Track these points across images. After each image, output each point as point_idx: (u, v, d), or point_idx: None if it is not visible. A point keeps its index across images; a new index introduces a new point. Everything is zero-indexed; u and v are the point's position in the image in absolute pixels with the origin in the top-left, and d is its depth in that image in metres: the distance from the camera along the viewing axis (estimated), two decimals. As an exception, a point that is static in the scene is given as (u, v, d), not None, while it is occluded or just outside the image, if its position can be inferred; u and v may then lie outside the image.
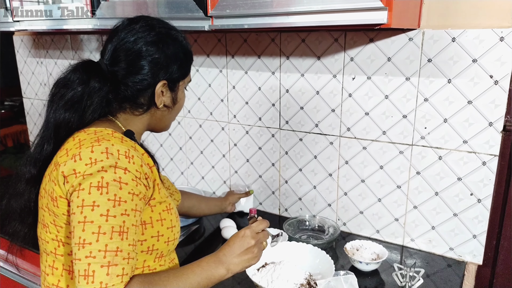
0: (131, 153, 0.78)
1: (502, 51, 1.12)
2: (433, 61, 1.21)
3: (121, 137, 0.82)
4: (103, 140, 0.78)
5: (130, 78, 0.86)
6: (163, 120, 0.96)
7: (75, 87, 0.83)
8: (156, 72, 0.87)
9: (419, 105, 1.26)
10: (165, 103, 0.92)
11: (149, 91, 0.88)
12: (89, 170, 0.73)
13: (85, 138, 0.79)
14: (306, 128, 1.49)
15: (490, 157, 1.19)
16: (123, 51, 0.86)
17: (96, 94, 0.84)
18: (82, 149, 0.76)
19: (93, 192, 0.72)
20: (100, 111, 0.87)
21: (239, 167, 1.70)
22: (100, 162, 0.74)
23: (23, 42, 2.25)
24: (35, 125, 2.39)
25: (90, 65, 0.87)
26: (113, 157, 0.75)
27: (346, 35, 1.33)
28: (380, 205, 1.41)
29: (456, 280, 1.21)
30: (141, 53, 0.85)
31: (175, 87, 0.92)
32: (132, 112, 0.90)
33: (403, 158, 1.33)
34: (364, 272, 1.23)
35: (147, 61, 0.86)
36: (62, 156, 0.78)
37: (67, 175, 0.75)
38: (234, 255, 0.87)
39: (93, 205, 0.71)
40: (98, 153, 0.75)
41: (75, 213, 0.72)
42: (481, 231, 1.26)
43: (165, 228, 0.86)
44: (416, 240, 1.37)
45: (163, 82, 0.89)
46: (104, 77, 0.85)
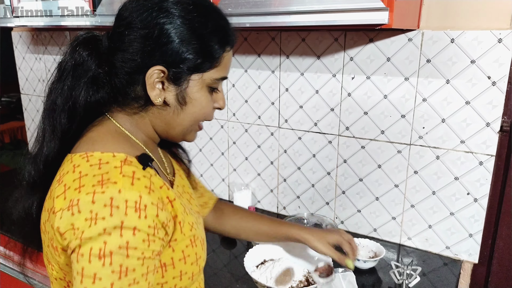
0: (144, 201, 0.60)
1: (500, 53, 1.13)
2: (432, 61, 1.22)
3: (133, 173, 0.62)
4: (108, 183, 0.60)
5: (118, 54, 0.68)
6: (169, 124, 0.73)
7: (63, 62, 0.70)
8: (148, 52, 0.66)
9: (418, 105, 1.28)
10: (166, 99, 0.69)
11: (141, 78, 0.68)
12: (88, 231, 0.58)
13: (86, 172, 0.62)
14: (305, 127, 1.50)
15: (487, 157, 1.21)
16: (120, 18, 0.69)
17: (79, 67, 0.69)
18: (82, 196, 0.59)
19: (94, 261, 0.57)
20: (91, 96, 0.70)
21: (237, 165, 1.71)
22: (102, 221, 0.58)
23: (22, 38, 2.25)
24: (32, 122, 2.38)
25: (88, 36, 0.71)
26: (119, 213, 0.58)
27: (346, 35, 1.34)
28: (377, 204, 1.42)
29: (452, 278, 1.23)
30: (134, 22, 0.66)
31: (180, 80, 0.68)
32: (128, 107, 0.72)
33: (401, 157, 1.34)
34: (362, 270, 1.25)
35: (140, 34, 0.66)
36: (60, 197, 0.62)
37: (63, 231, 0.60)
38: None
39: (94, 277, 0.57)
40: (101, 206, 0.58)
41: (75, 279, 0.59)
42: (477, 230, 1.27)
43: (189, 265, 0.72)
44: (413, 239, 1.39)
45: (159, 68, 0.66)
46: (96, 48, 0.70)
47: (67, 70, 0.69)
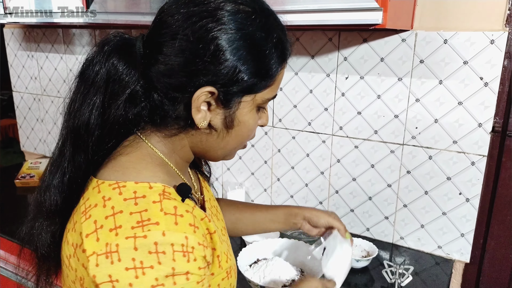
0: (190, 243, 0.54)
1: (492, 54, 1.14)
2: (425, 62, 1.23)
3: (174, 209, 0.55)
4: (149, 224, 0.52)
5: (159, 67, 0.58)
6: (211, 148, 0.64)
7: (92, 72, 0.59)
8: (197, 69, 0.56)
9: (411, 105, 1.28)
10: (212, 122, 0.60)
11: (186, 98, 0.58)
12: (137, 283, 0.50)
13: (121, 209, 0.53)
14: (299, 126, 1.50)
15: (479, 158, 1.22)
16: (162, 24, 0.58)
17: (117, 82, 0.58)
18: (120, 240, 0.51)
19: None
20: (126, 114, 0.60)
21: (231, 164, 1.70)
22: (151, 271, 0.50)
23: (14, 35, 2.23)
24: (24, 120, 2.36)
25: (120, 39, 0.60)
26: (167, 259, 0.51)
27: (340, 35, 1.34)
28: (370, 204, 1.43)
29: (444, 277, 1.24)
30: (183, 35, 0.55)
31: (231, 102, 0.59)
32: (165, 128, 0.62)
33: (394, 157, 1.35)
34: (355, 269, 1.25)
35: (189, 47, 0.55)
36: (90, 236, 0.53)
37: (99, 282, 0.51)
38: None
39: None
40: (145, 252, 0.51)
41: None
42: (469, 230, 1.28)
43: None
44: (405, 238, 1.40)
45: (209, 89, 0.57)
46: (132, 59, 0.59)
47: (98, 84, 0.59)
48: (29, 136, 2.37)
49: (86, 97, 0.59)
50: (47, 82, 2.16)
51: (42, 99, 2.22)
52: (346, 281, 1.21)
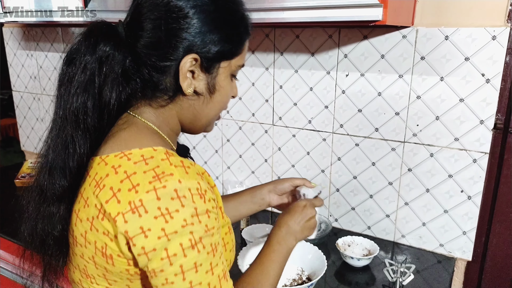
0: (203, 187, 0.61)
1: (494, 50, 1.13)
2: (426, 59, 1.22)
3: (181, 163, 0.61)
4: (164, 176, 0.58)
5: (146, 45, 0.64)
6: (197, 115, 0.71)
7: (83, 59, 0.63)
8: (182, 40, 0.63)
9: (412, 102, 1.27)
10: (197, 88, 0.67)
11: (172, 68, 0.65)
12: (169, 227, 0.56)
13: (134, 171, 0.59)
14: (299, 125, 1.49)
15: (481, 155, 1.21)
16: (144, 6, 0.64)
17: (107, 65, 0.63)
18: (142, 195, 0.57)
19: (189, 253, 0.58)
20: (118, 94, 0.66)
21: (231, 162, 1.70)
22: (177, 214, 0.57)
23: (13, 34, 2.22)
24: (24, 119, 2.35)
25: (104, 26, 0.65)
26: (189, 202, 0.58)
27: (340, 32, 1.33)
28: (371, 202, 1.42)
29: (445, 276, 1.23)
30: (165, 8, 0.63)
31: (212, 67, 0.67)
32: (156, 101, 0.68)
33: (395, 155, 1.34)
34: (356, 267, 1.24)
35: (170, 22, 0.62)
36: (110, 201, 0.58)
37: (132, 235, 0.57)
38: (298, 224, 0.83)
39: (195, 266, 0.59)
40: (168, 199, 0.57)
41: (173, 282, 0.58)
42: (471, 228, 1.27)
43: (228, 252, 0.76)
44: (406, 236, 1.39)
45: (193, 56, 0.64)
46: (117, 40, 0.65)
47: (88, 66, 0.63)
48: (29, 136, 2.37)
49: (80, 82, 0.63)
50: (46, 81, 2.15)
51: (41, 98, 2.21)
52: (347, 280, 1.20)
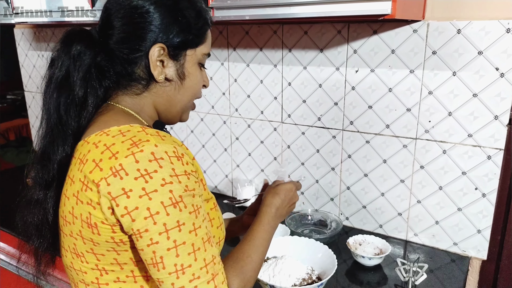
0: (179, 151, 0.65)
1: (508, 43, 1.10)
2: (437, 53, 1.19)
3: (157, 133, 0.66)
4: (141, 142, 0.62)
5: (117, 41, 0.71)
6: (171, 102, 0.77)
7: (60, 60, 0.70)
8: (147, 32, 0.70)
9: (423, 98, 1.24)
10: (167, 75, 0.74)
11: (143, 58, 0.72)
12: (149, 186, 0.60)
13: (113, 142, 0.63)
14: (308, 122, 1.47)
15: (495, 151, 1.18)
16: (111, 9, 0.72)
17: (79, 61, 0.70)
18: (121, 160, 0.61)
19: (171, 211, 0.61)
20: (94, 88, 0.72)
21: (241, 161, 1.69)
22: (156, 174, 0.60)
23: (24, 35, 2.24)
24: (36, 119, 2.38)
25: (78, 30, 0.73)
26: (166, 163, 0.62)
27: (349, 27, 1.31)
28: (383, 200, 1.39)
29: (460, 275, 1.20)
30: (129, 7, 0.70)
31: (179, 55, 0.74)
32: (131, 90, 0.74)
33: (406, 152, 1.31)
34: (367, 267, 1.22)
35: (135, 17, 0.70)
36: (93, 171, 0.62)
37: (115, 196, 0.60)
38: (285, 207, 0.89)
39: (178, 225, 0.61)
40: (145, 161, 0.61)
41: (158, 242, 0.61)
42: (486, 226, 1.24)
43: (215, 228, 0.77)
44: (419, 235, 1.36)
45: (160, 46, 0.71)
46: (90, 39, 0.72)
47: (64, 65, 0.70)
48: (41, 136, 2.39)
49: (57, 80, 0.70)
50: (57, 81, 2.17)
51: (53, 98, 2.23)
52: (358, 279, 1.19)
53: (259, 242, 0.80)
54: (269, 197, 0.88)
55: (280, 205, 0.87)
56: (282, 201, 0.88)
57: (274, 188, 0.90)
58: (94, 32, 0.74)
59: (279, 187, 0.90)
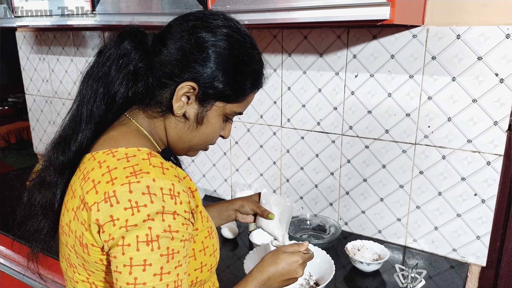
0: (176, 189, 0.64)
1: (508, 49, 1.09)
2: (437, 58, 1.19)
3: (161, 164, 0.66)
4: (141, 173, 0.62)
5: (159, 58, 0.71)
6: (181, 137, 0.76)
7: (108, 52, 0.71)
8: (192, 69, 0.69)
9: (423, 103, 1.24)
10: (186, 113, 0.73)
11: (172, 87, 0.71)
12: (132, 219, 0.59)
13: (115, 166, 0.64)
14: (307, 127, 1.47)
15: (495, 157, 1.17)
16: (170, 30, 0.72)
17: (125, 58, 0.70)
18: (117, 187, 0.61)
19: (142, 248, 0.59)
20: (126, 90, 0.71)
21: (240, 165, 1.69)
22: (144, 208, 0.60)
23: (26, 38, 2.25)
24: (37, 122, 2.38)
25: (135, 30, 0.73)
26: (158, 200, 0.61)
27: (349, 32, 1.31)
28: (382, 205, 1.39)
29: (459, 281, 1.19)
30: (192, 35, 0.69)
31: (206, 101, 0.72)
32: (150, 109, 0.74)
33: (406, 157, 1.31)
34: (365, 272, 1.22)
35: (186, 49, 0.69)
36: (90, 192, 0.63)
37: (102, 223, 0.61)
38: (279, 280, 0.82)
39: (144, 264, 0.59)
40: (139, 194, 0.60)
41: (121, 273, 0.60)
42: (485, 232, 1.24)
43: (208, 257, 0.75)
44: (418, 241, 1.35)
45: (191, 84, 0.70)
46: (141, 44, 0.71)
47: (110, 59, 0.71)
48: (42, 138, 2.40)
49: (99, 70, 0.71)
50: (58, 84, 2.17)
51: (53, 101, 2.24)
52: (356, 285, 1.18)
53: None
54: (266, 262, 0.83)
55: (273, 275, 0.81)
56: (277, 272, 0.81)
57: (276, 254, 0.84)
58: (150, 38, 0.73)
59: (281, 257, 0.83)
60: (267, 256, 0.84)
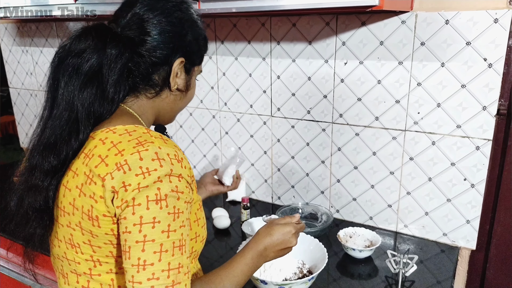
0: (180, 155, 0.69)
1: (496, 33, 1.10)
2: (426, 44, 1.19)
3: (160, 136, 0.71)
4: (146, 143, 0.67)
5: (146, 46, 0.74)
6: (173, 108, 0.84)
7: (89, 56, 0.69)
8: (175, 47, 0.76)
9: (412, 89, 1.24)
10: (179, 85, 0.80)
11: (165, 67, 0.77)
12: (143, 182, 0.63)
13: (119, 140, 0.67)
14: (298, 115, 1.47)
15: (484, 142, 1.18)
16: (138, 17, 0.74)
17: (116, 63, 0.71)
18: (127, 157, 0.65)
19: (152, 206, 0.63)
20: (123, 87, 0.74)
21: (230, 155, 1.68)
22: (155, 172, 0.64)
23: (7, 30, 2.19)
24: (22, 116, 2.34)
25: (103, 28, 0.73)
26: (167, 164, 0.66)
27: (337, 19, 1.30)
28: (373, 192, 1.40)
29: (449, 265, 1.21)
30: (160, 21, 0.74)
31: (191, 70, 0.82)
32: (144, 93, 0.78)
33: (396, 144, 1.31)
34: (358, 259, 1.23)
35: (166, 31, 0.75)
36: (99, 166, 0.66)
37: (117, 189, 0.64)
38: (274, 250, 0.85)
39: (153, 221, 0.63)
40: (149, 160, 0.65)
41: (131, 232, 0.63)
42: (475, 216, 1.25)
43: (200, 228, 0.80)
44: (409, 226, 1.37)
45: (182, 59, 0.77)
46: (119, 41, 0.72)
47: (96, 63, 0.70)
48: (27, 133, 2.36)
49: (88, 75, 0.70)
50: (43, 77, 2.13)
51: (39, 94, 2.19)
52: (349, 272, 1.19)
53: (236, 273, 0.79)
54: (261, 234, 0.86)
55: (269, 245, 0.85)
56: (272, 242, 0.85)
57: (270, 226, 0.87)
58: (117, 30, 0.74)
59: (274, 228, 0.87)
60: (261, 229, 0.87)
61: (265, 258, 0.85)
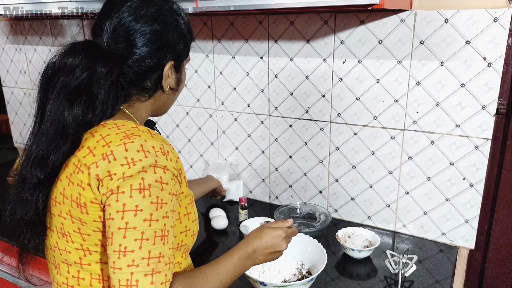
0: (166, 148, 0.71)
1: (495, 32, 1.09)
2: (425, 43, 1.18)
3: (148, 130, 0.73)
4: (133, 136, 0.70)
5: (134, 58, 0.76)
6: (167, 104, 0.88)
7: (78, 74, 0.71)
8: (163, 52, 0.78)
9: (411, 89, 1.23)
10: (171, 85, 0.83)
11: (157, 73, 0.79)
12: (128, 171, 0.66)
13: (108, 133, 0.70)
14: (296, 114, 1.45)
15: (483, 141, 1.18)
16: (124, 30, 0.75)
17: (105, 80, 0.72)
18: (113, 148, 0.68)
19: (135, 195, 0.65)
20: (114, 100, 0.75)
21: (228, 155, 1.66)
22: (139, 162, 0.67)
23: (0, 28, 2.16)
24: (16, 115, 2.31)
25: (92, 46, 0.74)
26: (151, 155, 0.68)
27: (336, 17, 1.29)
28: (371, 191, 1.39)
29: (448, 265, 1.20)
30: (145, 31, 0.76)
31: (180, 67, 0.84)
32: (138, 98, 0.81)
33: (394, 143, 1.30)
34: (357, 259, 1.22)
35: (152, 40, 0.76)
36: (87, 156, 0.69)
37: (102, 178, 0.66)
38: (263, 253, 0.85)
39: (135, 209, 0.65)
40: (134, 151, 0.67)
41: (114, 219, 0.65)
42: (473, 216, 1.25)
43: (191, 222, 0.81)
44: (408, 226, 1.36)
45: (171, 63, 0.80)
46: (109, 59, 0.74)
47: (85, 80, 0.71)
48: (21, 132, 2.33)
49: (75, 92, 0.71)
50: (36, 75, 2.09)
51: (32, 93, 2.16)
52: (348, 272, 1.18)
53: (221, 271, 0.79)
54: (251, 236, 0.86)
55: (258, 248, 0.84)
56: (262, 245, 0.85)
57: (261, 229, 0.87)
58: (104, 46, 0.75)
59: (265, 231, 0.86)
60: (253, 232, 0.88)
61: (253, 260, 0.84)
